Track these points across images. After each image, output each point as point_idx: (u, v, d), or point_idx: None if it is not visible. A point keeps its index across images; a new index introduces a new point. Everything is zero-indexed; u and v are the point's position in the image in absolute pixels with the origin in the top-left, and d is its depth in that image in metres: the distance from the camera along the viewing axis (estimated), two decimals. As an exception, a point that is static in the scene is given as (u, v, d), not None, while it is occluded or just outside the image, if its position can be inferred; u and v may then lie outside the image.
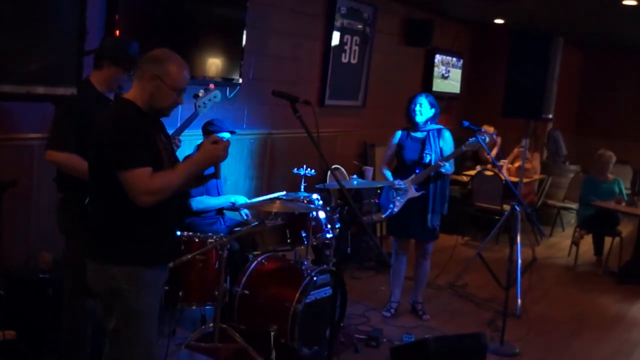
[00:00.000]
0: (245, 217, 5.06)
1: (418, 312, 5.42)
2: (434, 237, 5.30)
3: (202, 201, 4.74)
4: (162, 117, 2.83)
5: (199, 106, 4.08)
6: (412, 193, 5.15)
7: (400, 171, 5.21)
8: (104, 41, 3.61)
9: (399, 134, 5.29)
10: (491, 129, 8.11)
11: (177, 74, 2.72)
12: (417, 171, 5.13)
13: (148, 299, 2.75)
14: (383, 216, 5.28)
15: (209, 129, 4.89)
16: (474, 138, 5.14)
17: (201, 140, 4.89)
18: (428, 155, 5.12)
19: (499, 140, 8.41)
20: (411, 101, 5.21)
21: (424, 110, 5.14)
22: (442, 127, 5.25)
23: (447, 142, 5.19)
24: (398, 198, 5.16)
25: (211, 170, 3.74)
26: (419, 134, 5.20)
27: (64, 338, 3.58)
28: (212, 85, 4.15)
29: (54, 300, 3.76)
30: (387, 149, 5.35)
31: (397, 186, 5.12)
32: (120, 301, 2.70)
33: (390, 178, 5.20)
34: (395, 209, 5.17)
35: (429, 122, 5.18)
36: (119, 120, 2.67)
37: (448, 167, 5.10)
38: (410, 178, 5.13)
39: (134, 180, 2.60)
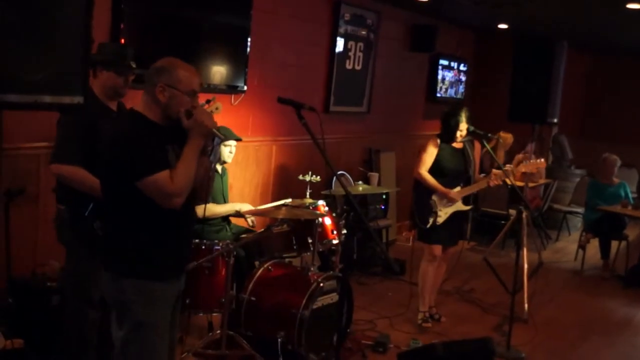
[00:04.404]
0: (250, 224, 5.06)
1: (434, 315, 5.43)
2: (457, 242, 5.41)
3: (207, 209, 4.72)
4: (179, 127, 2.75)
5: None
6: (461, 207, 5.14)
7: (437, 180, 5.08)
8: (97, 49, 3.59)
9: (438, 141, 5.12)
10: (509, 136, 8.10)
11: (188, 78, 2.71)
12: (461, 185, 5.12)
13: (157, 312, 2.75)
14: (427, 227, 5.08)
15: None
16: (528, 160, 5.33)
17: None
18: (471, 169, 5.12)
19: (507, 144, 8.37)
20: (453, 116, 5.06)
21: (466, 124, 5.06)
22: (471, 137, 5.22)
23: (476, 153, 5.22)
24: (440, 209, 5.07)
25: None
26: (456, 144, 5.15)
27: (68, 348, 3.58)
28: (214, 98, 4.14)
29: (61, 309, 3.76)
30: (426, 155, 5.11)
31: (452, 197, 5.04)
32: (129, 313, 2.71)
33: (439, 187, 5.04)
34: (440, 220, 5.08)
35: None
36: (128, 131, 2.68)
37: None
38: (456, 190, 5.09)
39: (156, 185, 2.60)
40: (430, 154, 5.10)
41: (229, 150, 4.89)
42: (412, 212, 5.32)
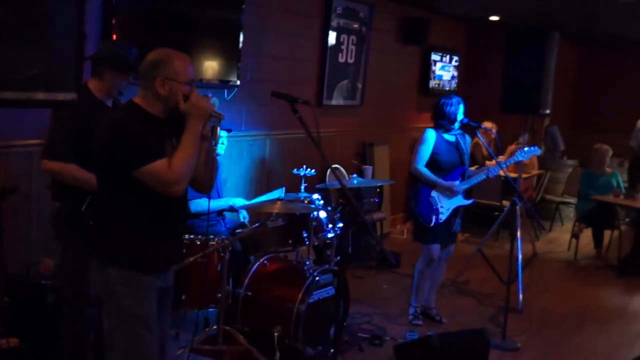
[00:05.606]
0: (243, 220, 5.04)
1: (435, 317, 5.31)
2: (455, 238, 5.31)
3: (200, 203, 4.70)
4: (179, 117, 2.74)
5: None
6: (462, 201, 5.05)
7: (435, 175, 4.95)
8: (101, 47, 3.58)
9: (433, 134, 4.95)
10: (491, 125, 8.10)
11: (184, 67, 2.71)
12: (459, 179, 5.01)
13: (144, 304, 2.73)
14: (431, 225, 4.94)
15: None
16: (531, 148, 5.19)
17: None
18: (466, 162, 5.04)
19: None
20: (452, 104, 4.91)
21: (462, 114, 4.94)
22: (462, 130, 5.11)
23: (468, 146, 5.13)
24: (441, 205, 4.97)
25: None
26: (449, 137, 5.00)
27: (64, 346, 3.57)
28: (212, 96, 4.12)
29: (56, 307, 3.75)
30: (422, 148, 4.94)
31: (456, 189, 4.94)
32: (115, 303, 2.71)
33: (440, 181, 4.92)
34: (442, 217, 4.97)
35: None
36: (124, 120, 2.66)
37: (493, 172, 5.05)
38: (456, 184, 4.99)
39: (153, 173, 2.59)
40: (427, 147, 4.94)
41: (220, 142, 4.87)
42: (413, 212, 5.08)
